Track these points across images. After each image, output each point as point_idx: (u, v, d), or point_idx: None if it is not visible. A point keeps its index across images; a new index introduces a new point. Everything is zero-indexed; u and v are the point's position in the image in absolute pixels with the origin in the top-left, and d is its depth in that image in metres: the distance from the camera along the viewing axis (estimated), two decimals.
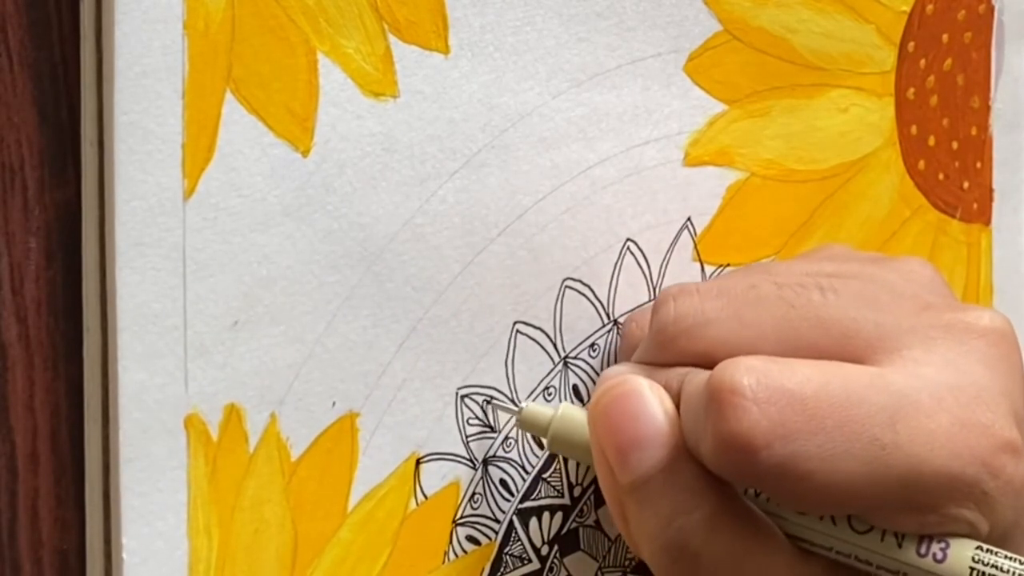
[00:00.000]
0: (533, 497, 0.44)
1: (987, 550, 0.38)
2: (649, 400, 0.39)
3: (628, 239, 0.46)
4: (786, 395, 0.37)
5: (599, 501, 0.46)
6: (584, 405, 0.45)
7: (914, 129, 0.53)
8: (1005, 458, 0.38)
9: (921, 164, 0.53)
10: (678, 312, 0.41)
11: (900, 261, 0.44)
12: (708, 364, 0.39)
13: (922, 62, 0.52)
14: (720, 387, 0.37)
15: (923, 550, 0.38)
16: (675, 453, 0.39)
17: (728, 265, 0.48)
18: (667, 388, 0.40)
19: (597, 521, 0.46)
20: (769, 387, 0.37)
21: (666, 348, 0.41)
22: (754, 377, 0.37)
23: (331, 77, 0.39)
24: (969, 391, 0.39)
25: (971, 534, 0.38)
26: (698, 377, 0.39)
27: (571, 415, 0.42)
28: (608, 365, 0.46)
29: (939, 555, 0.38)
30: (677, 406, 0.40)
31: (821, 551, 0.39)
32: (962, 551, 0.38)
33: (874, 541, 0.38)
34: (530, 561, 0.45)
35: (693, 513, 0.38)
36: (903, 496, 0.38)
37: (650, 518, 0.39)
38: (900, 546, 0.38)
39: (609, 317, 0.46)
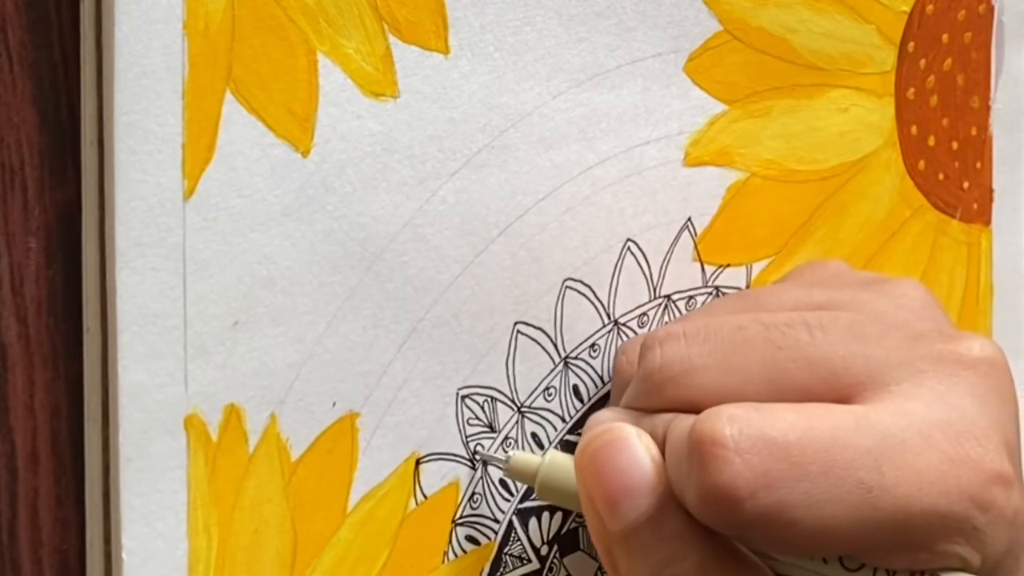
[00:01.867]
0: (533, 497, 0.44)
1: None
2: (636, 448, 0.39)
3: (628, 239, 0.46)
4: (768, 443, 0.37)
5: None
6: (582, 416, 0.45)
7: (914, 129, 0.53)
8: (996, 491, 0.38)
9: (921, 164, 0.53)
10: (664, 359, 0.41)
11: (892, 284, 0.44)
12: (696, 410, 0.39)
13: (922, 62, 0.52)
14: (702, 438, 0.37)
15: None
16: (662, 501, 0.39)
17: (728, 265, 0.48)
18: (653, 434, 0.40)
19: None
20: (751, 436, 0.37)
21: (653, 395, 0.41)
22: (736, 427, 0.37)
23: (331, 77, 0.39)
24: (958, 425, 0.38)
25: (964, 568, 0.38)
26: (682, 424, 0.39)
27: (558, 463, 0.41)
28: (609, 366, 0.46)
29: None
30: (663, 452, 0.39)
31: None
32: None
33: None
34: (530, 561, 0.45)
35: (683, 561, 0.38)
36: (893, 537, 0.37)
37: (640, 567, 0.39)
38: None
39: (610, 317, 0.46)
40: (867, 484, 0.37)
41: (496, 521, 0.44)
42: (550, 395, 0.44)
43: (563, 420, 0.45)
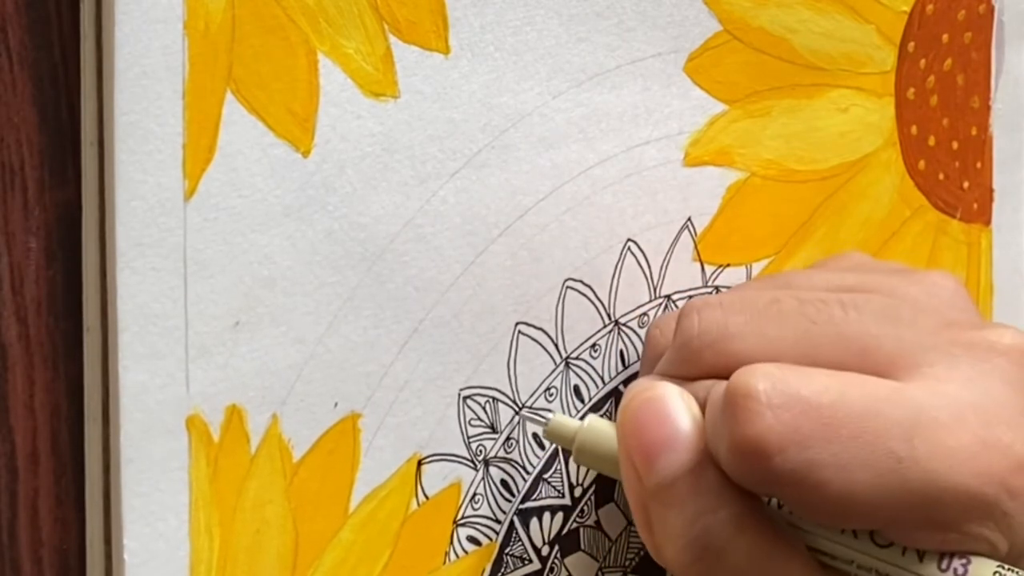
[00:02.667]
0: (534, 498, 0.44)
1: (1008, 569, 0.38)
2: (676, 404, 0.40)
3: (629, 239, 0.46)
4: (801, 402, 0.37)
5: (600, 501, 0.46)
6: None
7: (914, 129, 0.53)
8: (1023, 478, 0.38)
9: (921, 164, 0.53)
10: (702, 327, 0.41)
11: (922, 274, 0.44)
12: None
13: (922, 62, 0.52)
14: (736, 392, 0.38)
15: (944, 565, 0.38)
16: (701, 456, 0.39)
17: (728, 265, 0.48)
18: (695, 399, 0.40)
19: (598, 521, 0.46)
20: (785, 393, 0.37)
21: (690, 362, 0.41)
22: (770, 382, 0.37)
23: (331, 77, 0.39)
24: (990, 410, 0.38)
25: (990, 553, 0.38)
26: (722, 387, 0.39)
27: (597, 427, 0.42)
28: (609, 366, 0.46)
29: (960, 570, 0.38)
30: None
31: (842, 564, 0.39)
32: (983, 569, 0.38)
33: (895, 555, 0.38)
34: (531, 561, 0.45)
35: (718, 512, 0.38)
36: (921, 512, 0.38)
37: (675, 518, 0.39)
38: (921, 561, 0.38)
39: (610, 318, 0.46)
40: (897, 454, 0.37)
41: (497, 522, 0.44)
42: (551, 395, 0.44)
43: None
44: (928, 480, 0.37)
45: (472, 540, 0.43)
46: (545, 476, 0.45)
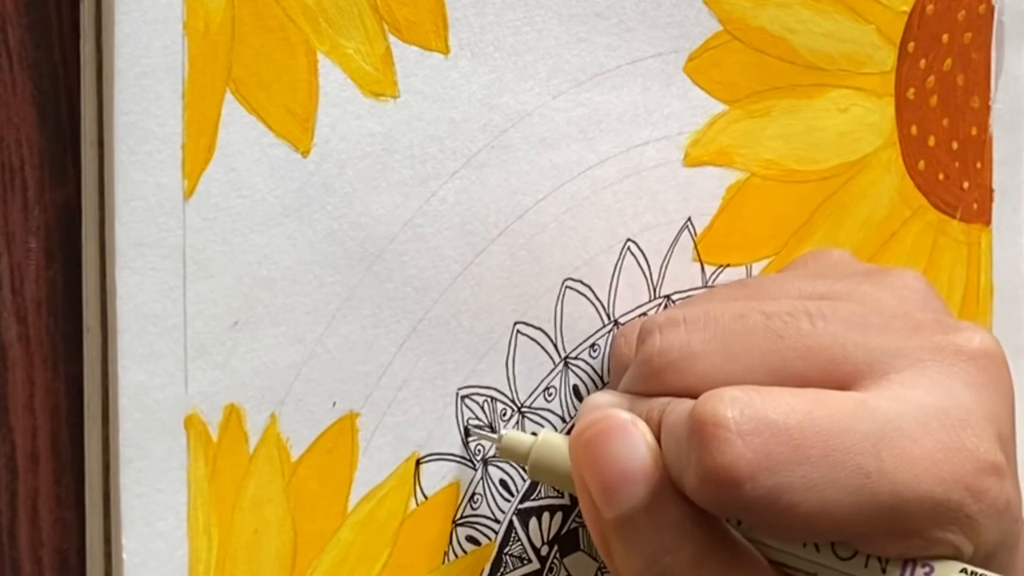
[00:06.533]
0: (533, 497, 0.44)
1: (971, 572, 0.38)
2: (633, 436, 0.39)
3: (628, 239, 0.46)
4: (770, 426, 0.37)
5: None
6: (579, 405, 0.45)
7: (914, 129, 0.53)
8: (989, 481, 0.38)
9: (921, 164, 0.53)
10: (664, 344, 0.41)
11: (893, 275, 0.44)
12: (693, 396, 0.39)
13: (922, 62, 0.52)
14: (703, 420, 0.37)
15: (908, 574, 0.38)
16: (659, 490, 0.38)
17: (728, 265, 0.48)
18: (648, 418, 0.40)
19: None
20: (753, 418, 0.37)
21: (651, 380, 0.41)
22: (737, 409, 0.37)
23: (331, 77, 0.39)
24: (955, 414, 0.38)
25: (956, 556, 0.38)
26: (680, 407, 0.39)
27: (551, 442, 0.41)
28: (607, 366, 0.46)
29: None
30: (658, 436, 0.39)
31: None
32: (948, 572, 0.38)
33: (858, 567, 0.38)
34: (530, 561, 0.45)
35: (678, 552, 0.38)
36: (888, 522, 0.37)
37: (635, 556, 0.38)
38: (884, 571, 0.38)
39: (609, 317, 0.46)
40: (866, 469, 0.37)
41: (496, 521, 0.44)
42: (550, 395, 0.44)
43: (563, 420, 0.45)
44: (895, 491, 0.37)
45: (471, 540, 0.43)
46: None
